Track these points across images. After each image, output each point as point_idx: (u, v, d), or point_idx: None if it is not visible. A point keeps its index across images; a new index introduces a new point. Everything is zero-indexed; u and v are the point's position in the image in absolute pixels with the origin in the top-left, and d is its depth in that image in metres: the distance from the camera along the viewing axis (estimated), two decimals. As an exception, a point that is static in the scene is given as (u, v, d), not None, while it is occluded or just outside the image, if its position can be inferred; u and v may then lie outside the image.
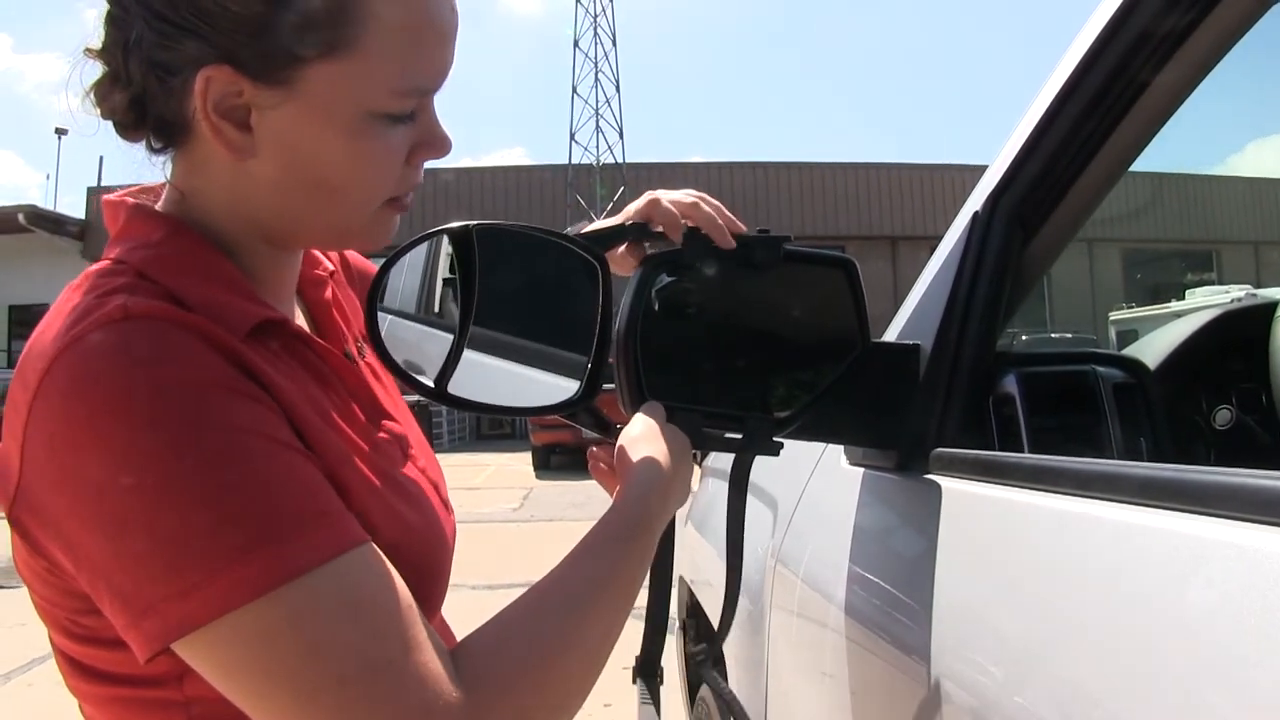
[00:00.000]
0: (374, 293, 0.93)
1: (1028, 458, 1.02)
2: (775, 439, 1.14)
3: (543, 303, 1.13)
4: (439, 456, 1.11)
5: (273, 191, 0.85)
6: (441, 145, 0.89)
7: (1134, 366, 1.36)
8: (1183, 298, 20.10)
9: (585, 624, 0.82)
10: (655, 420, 1.03)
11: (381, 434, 0.95)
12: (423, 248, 1.01)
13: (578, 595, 0.84)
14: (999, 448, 1.26)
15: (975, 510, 1.05)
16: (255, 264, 0.91)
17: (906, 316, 1.36)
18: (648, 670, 1.17)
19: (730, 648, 1.99)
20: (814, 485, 1.57)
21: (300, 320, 1.00)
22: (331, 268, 1.08)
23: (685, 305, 1.16)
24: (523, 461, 17.73)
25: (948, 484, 1.12)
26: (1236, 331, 1.57)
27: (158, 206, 0.90)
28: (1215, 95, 1.27)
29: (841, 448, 1.47)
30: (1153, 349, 1.52)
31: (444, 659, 0.74)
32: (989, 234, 1.25)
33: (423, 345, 1.03)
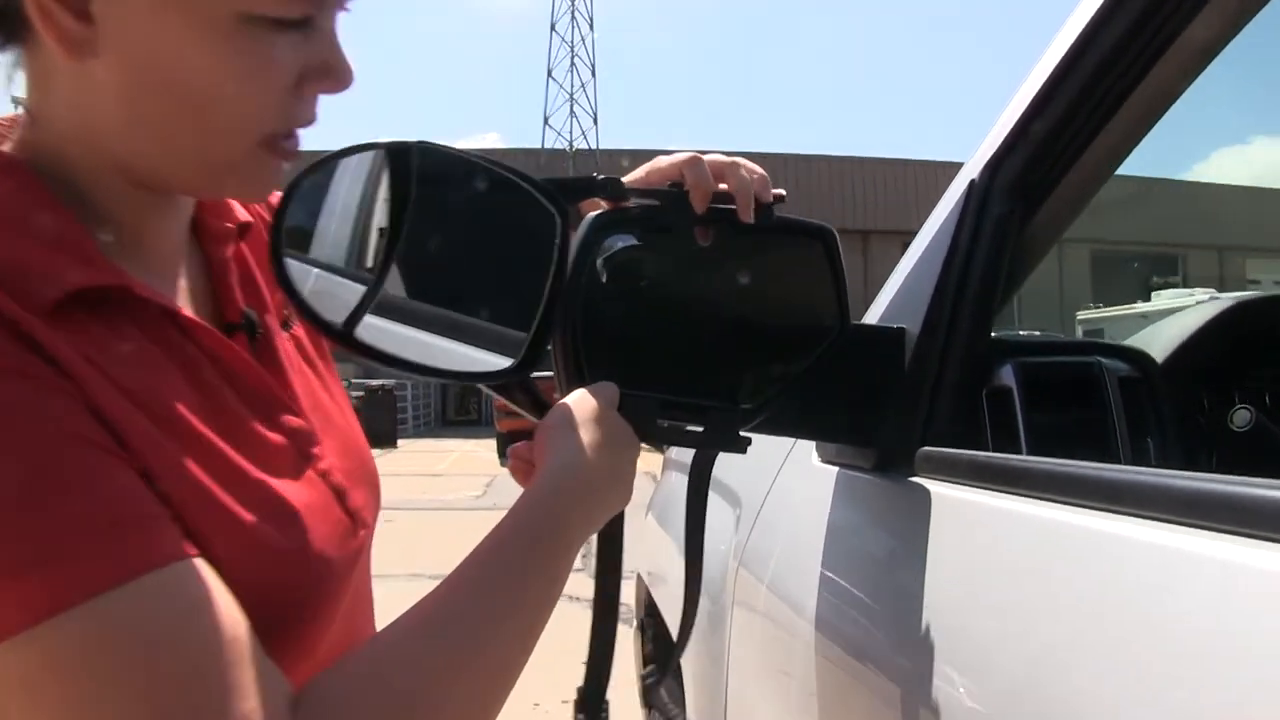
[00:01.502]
0: (278, 221, 0.77)
1: (1029, 462, 0.87)
2: (741, 433, 0.99)
3: (486, 253, 0.97)
4: (403, 442, 0.94)
5: (120, 104, 0.69)
6: (339, 75, 0.74)
7: (1140, 359, 1.22)
8: (1149, 299, 20.20)
9: (465, 662, 0.69)
10: (597, 403, 0.87)
11: (270, 431, 0.79)
12: (352, 182, 0.85)
13: (458, 626, 0.70)
14: (992, 447, 1.11)
15: (966, 520, 0.91)
16: (115, 210, 0.75)
17: (890, 296, 1.22)
18: (592, 706, 1.02)
19: (688, 647, 1.85)
20: (782, 482, 1.43)
21: (183, 286, 0.83)
22: (247, 219, 0.91)
23: (638, 275, 1.01)
24: (487, 448, 17.51)
25: (935, 489, 0.98)
26: (1250, 325, 1.44)
27: (11, 138, 0.74)
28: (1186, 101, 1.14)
29: (813, 443, 1.33)
30: (1158, 341, 1.38)
31: (276, 710, 0.60)
32: (986, 205, 1.10)
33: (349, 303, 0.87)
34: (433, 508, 10.10)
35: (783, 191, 1.00)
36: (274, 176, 0.77)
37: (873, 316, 1.25)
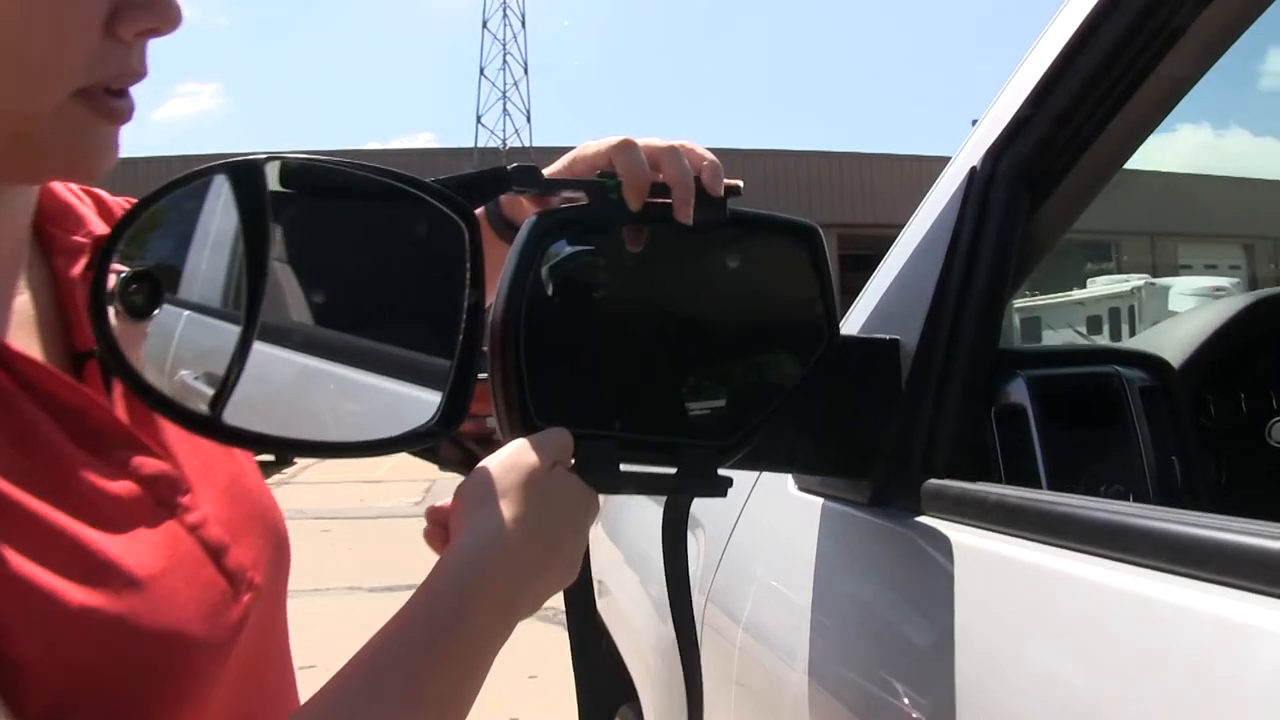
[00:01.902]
0: (101, 263, 0.61)
1: (1072, 506, 0.72)
2: (720, 473, 0.83)
3: (385, 284, 0.80)
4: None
5: None
6: (160, 10, 0.61)
7: (1157, 365, 1.08)
8: (1084, 286, 20.38)
9: None
10: (534, 461, 0.71)
11: (115, 479, 0.65)
12: (225, 209, 0.69)
13: None
14: (1004, 475, 0.97)
15: (991, 572, 0.76)
16: None
17: (875, 303, 1.06)
18: None
19: (649, 698, 1.69)
20: (753, 511, 1.27)
21: (18, 308, 0.67)
22: (102, 230, 0.75)
23: (589, 287, 0.85)
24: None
25: (950, 533, 0.83)
26: (1272, 324, 1.31)
27: None
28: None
29: (787, 467, 1.17)
30: (1169, 342, 1.24)
31: None
32: (990, 196, 0.95)
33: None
34: (371, 515, 9.86)
35: (738, 183, 0.84)
36: (101, 142, 0.64)
37: (852, 326, 1.10)
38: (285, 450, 0.69)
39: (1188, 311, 1.43)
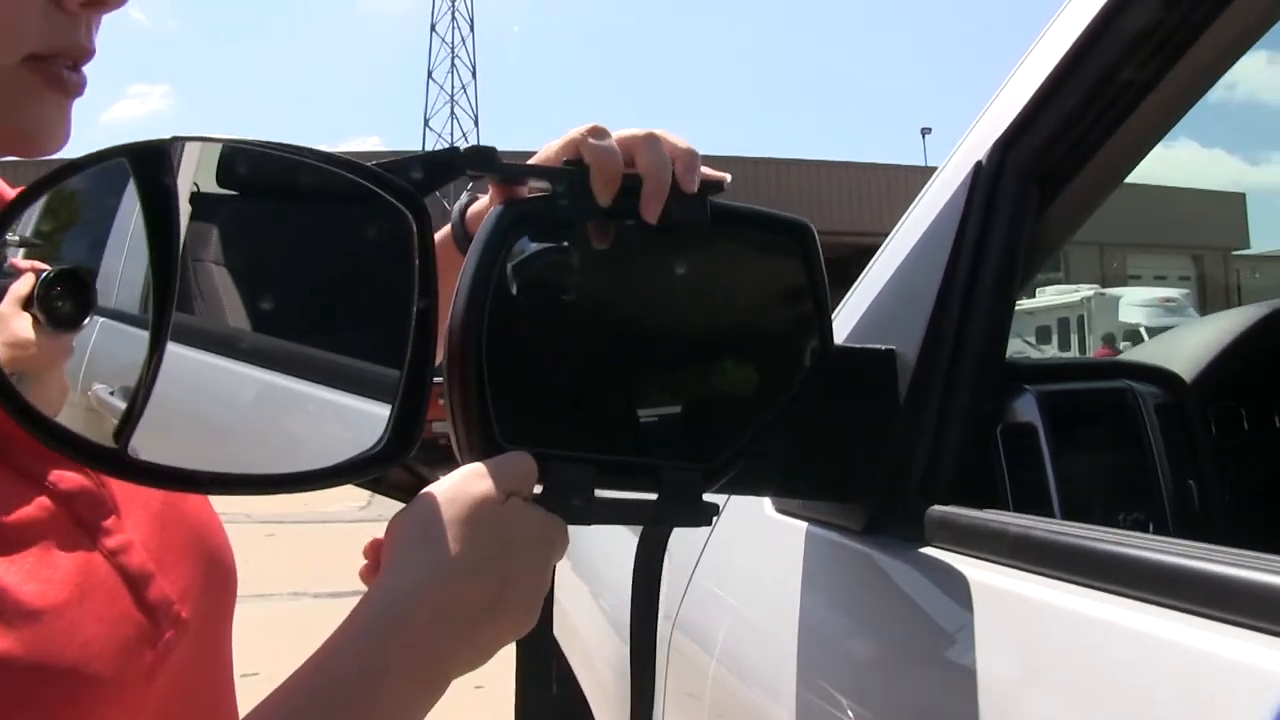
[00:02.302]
0: None
1: (1105, 542, 0.63)
2: (705, 499, 0.73)
3: (323, 285, 0.70)
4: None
5: None
6: None
7: (1169, 380, 1.00)
8: (1033, 296, 20.53)
9: None
10: (487, 487, 0.62)
11: (27, 495, 0.58)
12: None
13: None
14: (1011, 501, 0.87)
15: (1004, 612, 0.67)
16: None
17: (865, 308, 0.97)
18: None
19: (604, 716, 1.59)
20: (724, 534, 1.17)
21: None
22: None
23: (561, 289, 0.75)
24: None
25: (954, 564, 0.73)
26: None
27: None
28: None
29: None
30: (1177, 355, 1.16)
31: None
32: (996, 193, 0.86)
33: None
34: (315, 520, 9.67)
35: (722, 176, 0.74)
36: (49, 112, 0.60)
37: (839, 334, 1.00)
38: (209, 489, 0.58)
39: (1194, 322, 1.36)
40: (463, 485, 0.61)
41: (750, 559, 1.08)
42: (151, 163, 0.58)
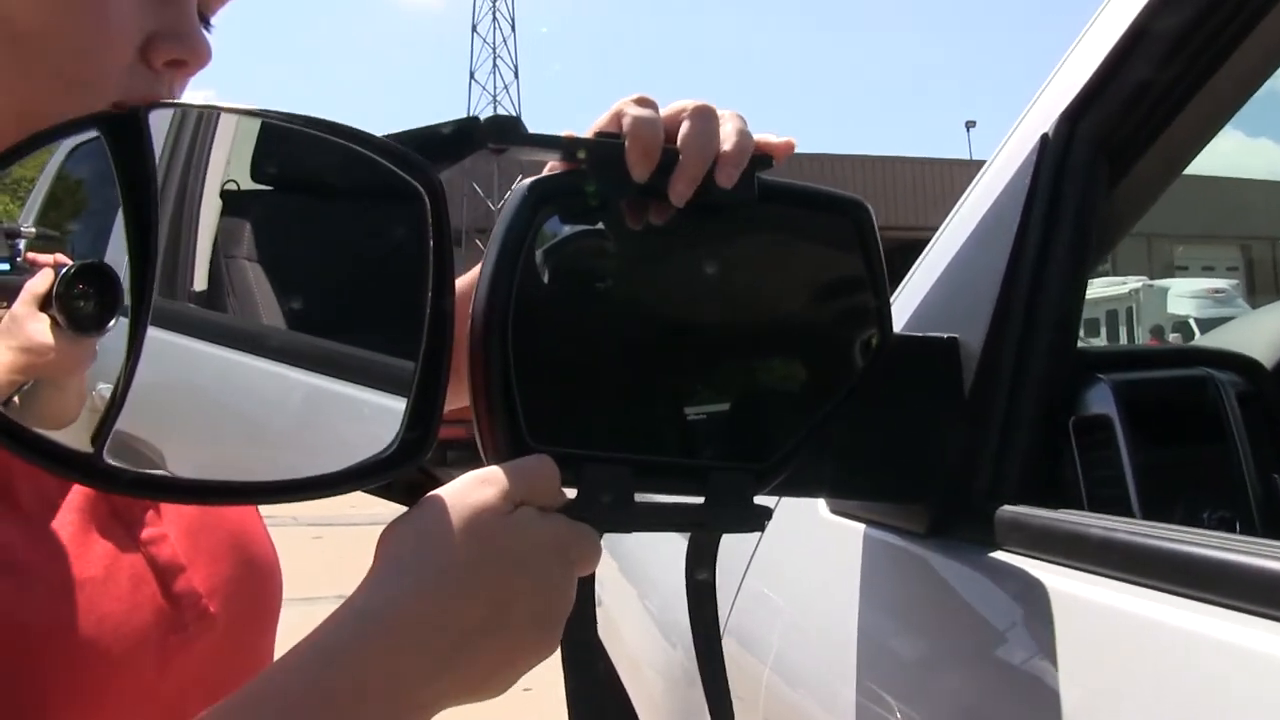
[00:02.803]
0: None
1: (1195, 541, 0.57)
2: (756, 502, 0.68)
3: (329, 270, 0.66)
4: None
5: None
6: (192, 45, 0.63)
7: (1248, 367, 0.93)
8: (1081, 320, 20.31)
9: None
10: (491, 495, 0.55)
11: (68, 488, 0.64)
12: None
13: None
14: (1086, 499, 0.81)
15: (1093, 624, 0.61)
16: None
17: (923, 295, 0.91)
18: None
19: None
20: (776, 537, 1.11)
21: None
22: None
23: (595, 275, 0.69)
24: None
25: (1032, 571, 0.68)
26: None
27: None
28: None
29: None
30: (1257, 340, 1.09)
31: None
32: (1065, 168, 0.80)
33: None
34: (364, 522, 9.70)
35: (778, 146, 0.69)
36: None
37: (896, 324, 0.94)
38: (186, 499, 0.54)
39: (1271, 306, 1.29)
40: (464, 492, 0.56)
41: (804, 563, 1.02)
42: (126, 133, 0.54)
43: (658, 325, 0.69)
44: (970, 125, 32.35)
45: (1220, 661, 0.52)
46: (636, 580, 1.69)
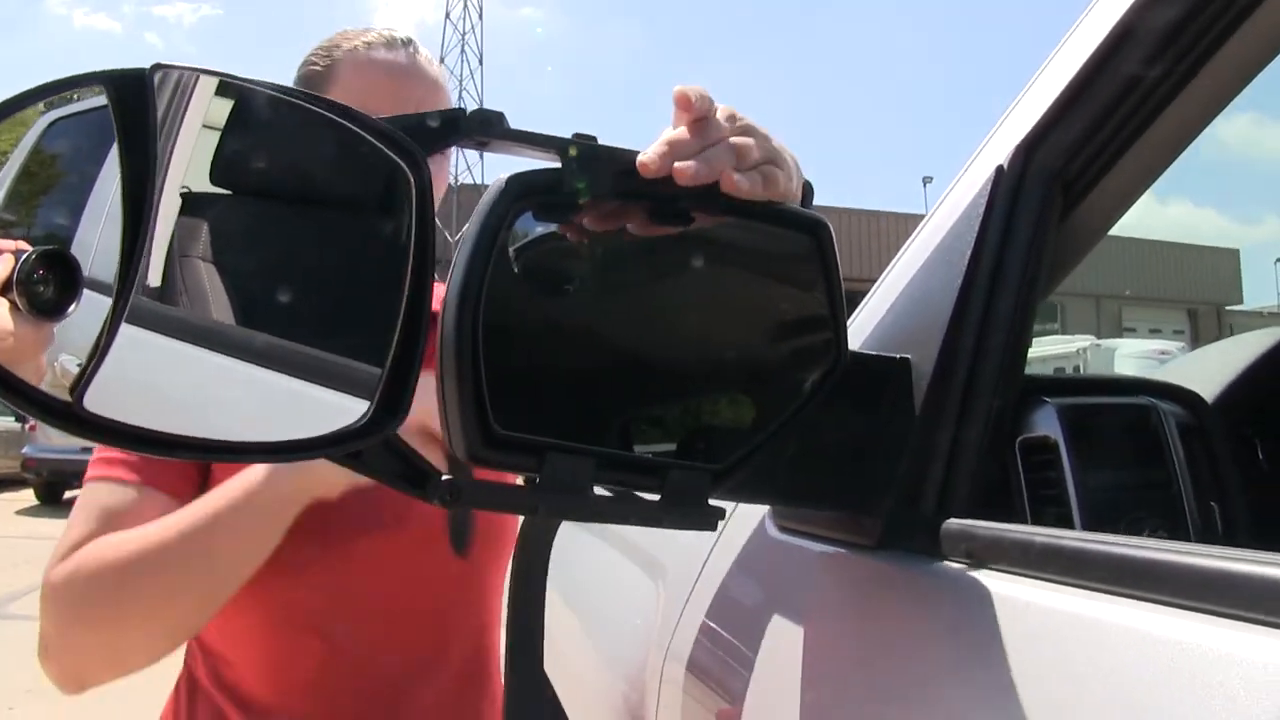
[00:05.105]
0: None
1: (1143, 547, 0.59)
2: (711, 502, 0.69)
3: (305, 238, 0.66)
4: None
5: None
6: None
7: (1190, 401, 0.96)
8: (1030, 345, 20.51)
9: (127, 585, 1.01)
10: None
11: None
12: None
13: (142, 558, 1.01)
14: (1030, 516, 0.84)
15: (1048, 629, 0.63)
16: None
17: (879, 317, 0.93)
18: None
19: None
20: (724, 555, 1.12)
21: None
22: None
23: (565, 276, 0.71)
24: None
25: (976, 576, 0.70)
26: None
27: None
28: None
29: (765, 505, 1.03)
30: (1200, 376, 1.12)
31: (84, 541, 1.05)
32: (1019, 198, 0.83)
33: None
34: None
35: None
36: None
37: (851, 343, 0.96)
38: (162, 451, 0.54)
39: (1215, 344, 1.33)
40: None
41: (752, 581, 1.04)
42: (131, 92, 0.53)
43: (624, 326, 0.71)
44: (927, 181, 32.86)
45: (1167, 656, 0.54)
46: (580, 612, 1.69)
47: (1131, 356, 18.20)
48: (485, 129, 0.64)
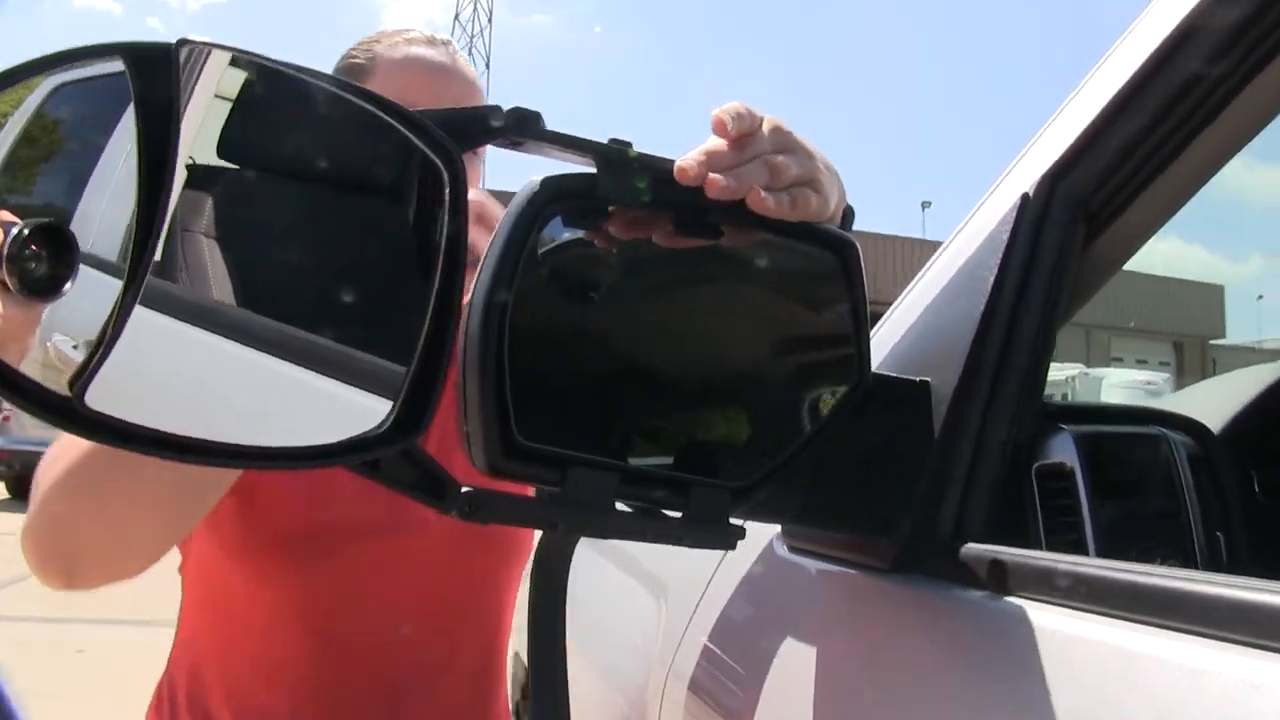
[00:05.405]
0: None
1: (1172, 577, 0.60)
2: (731, 521, 0.69)
3: (331, 232, 0.65)
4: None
5: None
6: None
7: (1198, 432, 0.97)
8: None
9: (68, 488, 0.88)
10: None
11: None
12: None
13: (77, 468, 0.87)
14: (1044, 542, 0.84)
15: (1085, 660, 0.63)
16: None
17: (898, 339, 0.94)
18: None
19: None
20: (730, 574, 1.12)
21: None
22: None
23: (590, 282, 0.71)
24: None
25: (992, 604, 0.70)
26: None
27: None
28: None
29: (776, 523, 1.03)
30: (1205, 407, 1.13)
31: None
32: (1044, 226, 0.84)
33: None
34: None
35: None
36: None
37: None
38: (168, 454, 0.52)
39: (1223, 377, 1.33)
40: None
41: (761, 602, 1.03)
42: (154, 67, 0.50)
43: (647, 337, 0.71)
44: (926, 205, 32.98)
45: (1198, 684, 0.54)
46: (579, 629, 1.68)
47: (1119, 386, 18.30)
48: (522, 128, 0.63)
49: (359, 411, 0.58)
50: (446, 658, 1.26)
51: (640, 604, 1.38)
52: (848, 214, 0.85)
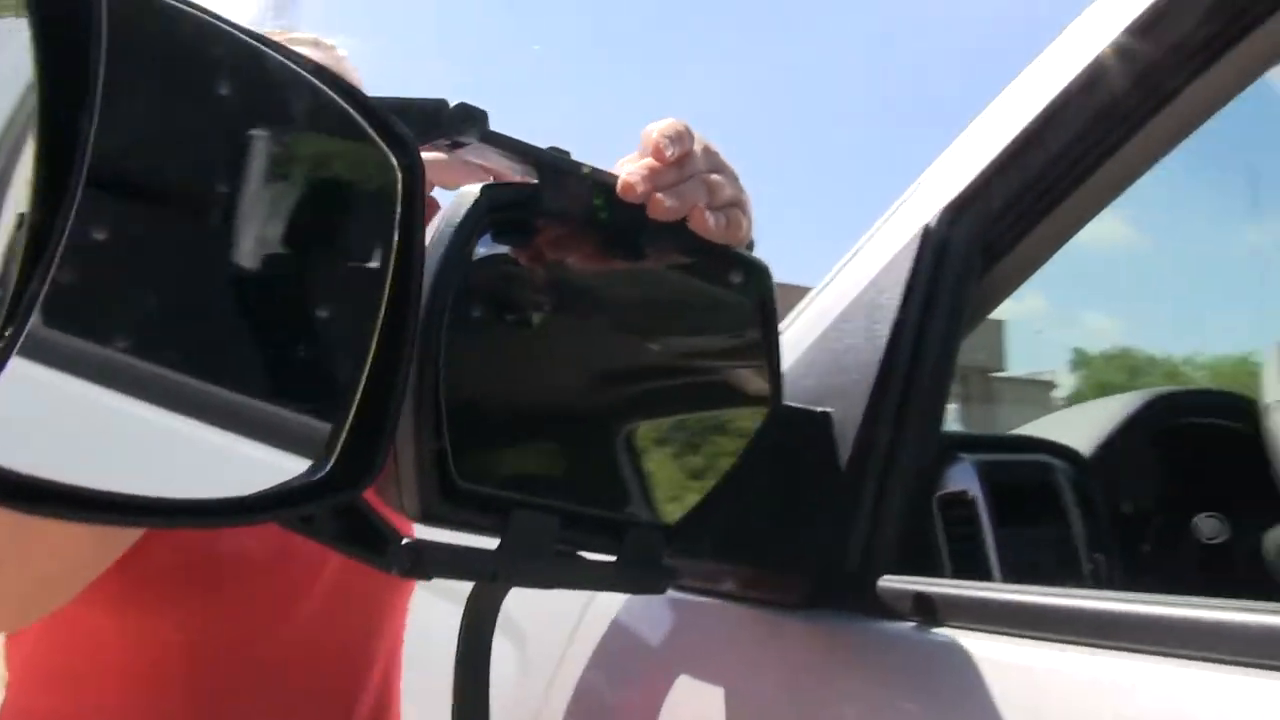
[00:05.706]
0: None
1: (1098, 599, 0.60)
2: (664, 561, 0.66)
3: (258, 245, 0.52)
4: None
5: None
6: None
7: (1074, 458, 1.00)
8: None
9: None
10: None
11: None
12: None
13: None
14: (951, 572, 0.84)
15: (1023, 688, 0.62)
16: None
17: (788, 364, 0.92)
18: None
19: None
20: (600, 617, 1.02)
21: None
22: None
23: (516, 304, 0.64)
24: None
25: (905, 633, 0.69)
26: (1175, 420, 1.26)
27: None
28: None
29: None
30: (1070, 434, 1.17)
31: None
32: (944, 258, 0.84)
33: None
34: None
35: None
36: None
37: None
38: (81, 514, 0.44)
39: (1079, 406, 1.39)
40: None
41: (644, 645, 0.98)
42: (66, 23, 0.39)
43: (577, 367, 0.67)
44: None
45: (1099, 697, 0.55)
46: (427, 682, 1.57)
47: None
48: (466, 127, 0.57)
49: (277, 468, 0.51)
50: (329, 705, 1.13)
51: (495, 650, 1.30)
52: (750, 242, 0.84)
